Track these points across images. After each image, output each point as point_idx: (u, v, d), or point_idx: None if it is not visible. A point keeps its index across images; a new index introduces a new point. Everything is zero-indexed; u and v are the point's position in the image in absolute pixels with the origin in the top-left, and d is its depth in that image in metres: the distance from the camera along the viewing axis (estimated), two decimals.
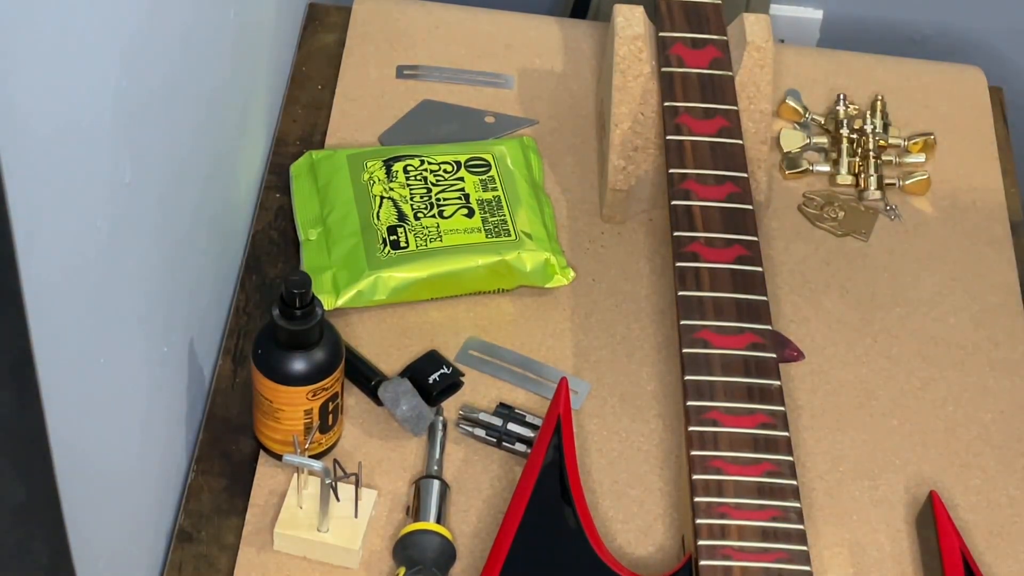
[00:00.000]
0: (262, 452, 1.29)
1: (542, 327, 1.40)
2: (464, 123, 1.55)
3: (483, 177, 1.44)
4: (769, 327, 1.26)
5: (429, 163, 1.44)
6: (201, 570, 1.24)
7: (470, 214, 1.41)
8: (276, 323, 1.21)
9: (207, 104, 1.26)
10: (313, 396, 1.23)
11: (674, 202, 1.32)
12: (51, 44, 0.84)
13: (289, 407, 1.23)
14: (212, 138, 1.29)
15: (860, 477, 1.33)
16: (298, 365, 1.22)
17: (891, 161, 1.54)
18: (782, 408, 1.22)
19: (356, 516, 1.23)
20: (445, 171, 1.44)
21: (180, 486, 1.29)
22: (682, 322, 1.26)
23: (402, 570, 1.21)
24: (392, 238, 1.38)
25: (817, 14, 1.98)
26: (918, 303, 1.45)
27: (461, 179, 1.43)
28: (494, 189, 1.43)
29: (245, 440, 1.31)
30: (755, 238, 1.30)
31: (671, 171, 1.34)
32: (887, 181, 1.53)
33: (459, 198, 1.42)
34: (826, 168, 1.54)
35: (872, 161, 1.53)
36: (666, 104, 1.38)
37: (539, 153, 1.51)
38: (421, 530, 1.22)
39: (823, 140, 1.56)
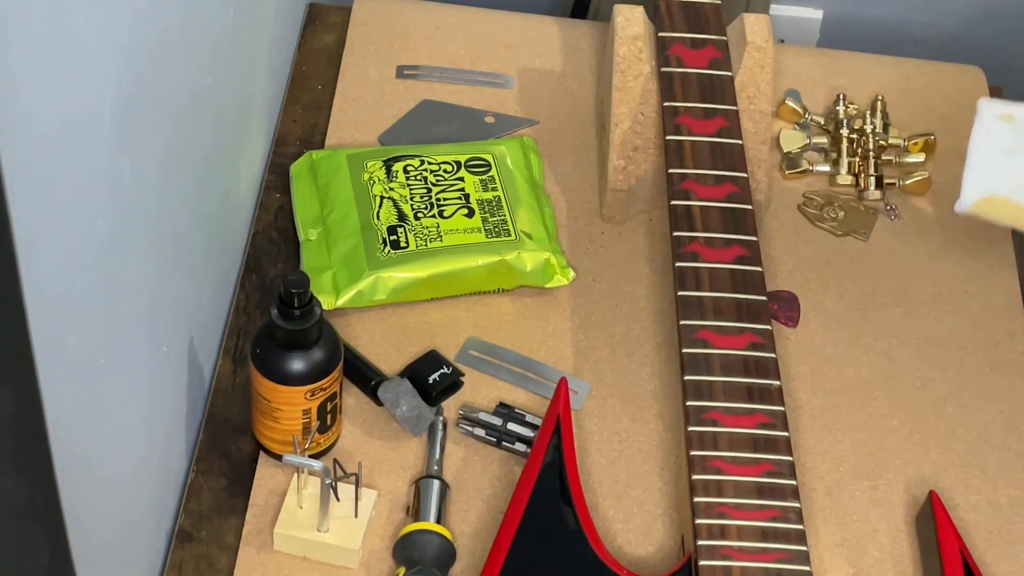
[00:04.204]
0: (262, 452, 1.29)
1: (542, 327, 1.40)
2: (464, 123, 1.55)
3: (483, 177, 1.44)
4: (769, 327, 1.26)
5: (429, 163, 1.44)
6: (201, 570, 1.24)
7: (470, 214, 1.41)
8: (274, 323, 1.21)
9: (207, 104, 1.26)
10: (311, 396, 1.23)
11: (674, 202, 1.32)
12: (51, 44, 0.84)
13: (287, 407, 1.23)
14: (212, 138, 1.29)
15: (860, 477, 1.33)
16: (296, 365, 1.22)
17: (891, 161, 1.54)
18: (782, 408, 1.22)
19: (356, 516, 1.23)
20: (445, 171, 1.44)
21: (180, 486, 1.29)
22: (682, 322, 1.26)
23: (402, 570, 1.21)
24: (392, 238, 1.38)
25: (817, 14, 1.97)
26: (918, 303, 1.45)
27: (461, 179, 1.43)
28: (494, 189, 1.43)
29: (245, 440, 1.31)
30: (755, 238, 1.31)
31: (671, 171, 1.34)
32: (887, 181, 1.53)
33: (459, 198, 1.42)
34: (826, 168, 1.54)
35: (872, 161, 1.53)
36: (666, 104, 1.38)
37: (539, 153, 1.51)
38: (421, 530, 1.23)
39: (823, 140, 1.56)
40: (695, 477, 1.19)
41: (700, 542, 1.16)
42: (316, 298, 1.21)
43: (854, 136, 1.54)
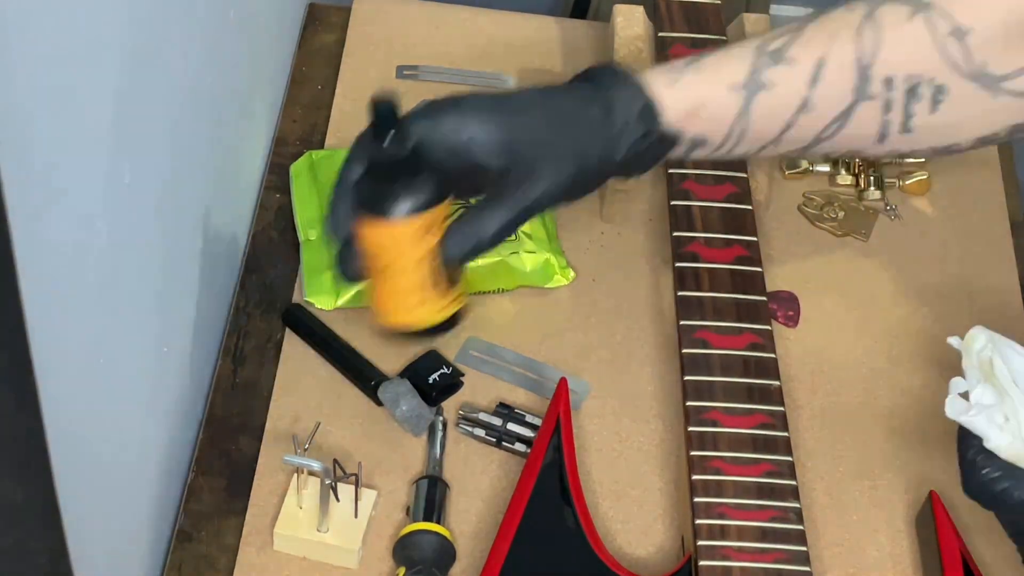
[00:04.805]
0: (262, 452, 1.29)
1: (542, 327, 1.40)
2: None
3: None
4: (769, 327, 1.27)
5: None
6: (201, 570, 1.24)
7: None
8: (374, 153, 1.07)
9: (206, 104, 1.26)
10: (428, 232, 1.08)
11: (673, 202, 1.32)
12: (51, 44, 0.84)
13: (400, 257, 1.09)
14: (211, 138, 1.29)
15: (860, 477, 1.33)
16: (401, 195, 1.07)
17: (891, 161, 1.54)
18: (782, 408, 1.22)
19: (356, 516, 1.23)
20: None
21: (180, 486, 1.29)
22: (681, 322, 1.26)
23: (402, 570, 1.21)
24: None
25: None
26: (918, 303, 1.45)
27: None
28: None
29: (245, 440, 1.31)
30: (754, 238, 1.31)
31: (671, 171, 1.34)
32: (887, 181, 1.53)
33: None
34: (826, 168, 1.54)
35: (872, 161, 1.53)
36: None
37: None
38: (421, 530, 1.23)
39: None
40: (695, 477, 1.19)
41: (700, 542, 1.16)
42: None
43: None
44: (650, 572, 1.25)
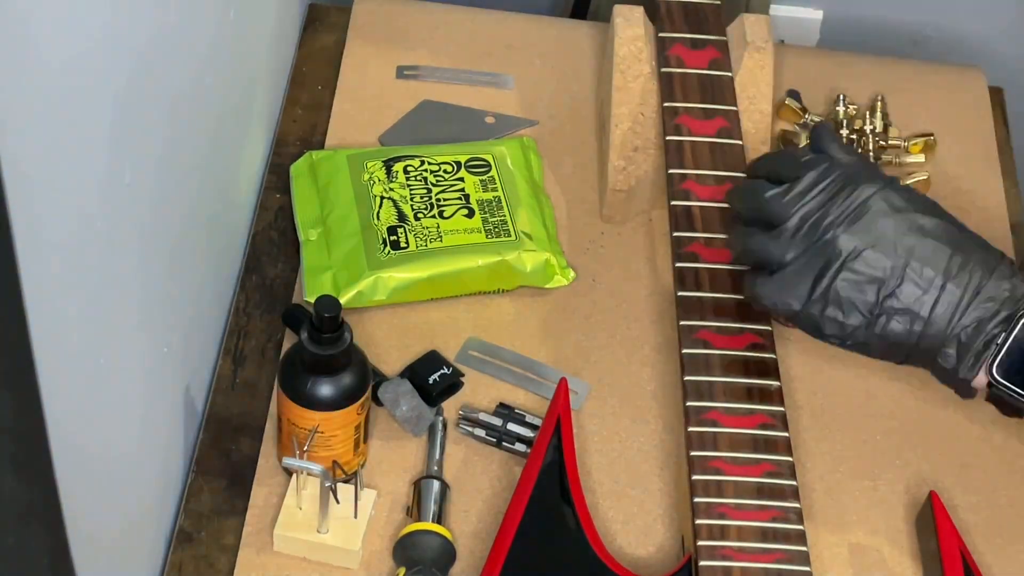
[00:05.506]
0: (262, 452, 1.29)
1: (542, 327, 1.40)
2: (464, 123, 1.55)
3: (483, 177, 1.44)
4: (769, 327, 1.27)
5: (429, 163, 1.44)
6: (201, 571, 1.24)
7: (470, 214, 1.41)
8: (317, 354, 1.20)
9: (207, 104, 1.26)
10: (361, 409, 1.23)
11: (674, 202, 1.32)
12: (50, 44, 0.84)
13: (342, 429, 1.23)
14: (212, 138, 1.29)
15: (860, 477, 1.33)
16: (347, 382, 1.21)
17: (891, 161, 1.54)
18: (782, 408, 1.22)
19: (356, 517, 1.23)
20: (445, 171, 1.44)
21: (180, 486, 1.29)
22: (682, 322, 1.26)
23: (402, 570, 1.21)
24: (392, 238, 1.38)
25: (817, 14, 1.98)
26: None
27: (461, 179, 1.43)
28: (494, 189, 1.43)
29: (245, 440, 1.31)
30: None
31: (671, 171, 1.34)
32: None
33: (459, 198, 1.42)
34: None
35: (872, 161, 1.53)
36: (666, 104, 1.38)
37: (539, 153, 1.51)
38: (421, 530, 1.23)
39: None
40: (695, 477, 1.19)
41: (700, 542, 1.16)
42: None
43: (854, 136, 1.54)
44: (650, 572, 1.25)
